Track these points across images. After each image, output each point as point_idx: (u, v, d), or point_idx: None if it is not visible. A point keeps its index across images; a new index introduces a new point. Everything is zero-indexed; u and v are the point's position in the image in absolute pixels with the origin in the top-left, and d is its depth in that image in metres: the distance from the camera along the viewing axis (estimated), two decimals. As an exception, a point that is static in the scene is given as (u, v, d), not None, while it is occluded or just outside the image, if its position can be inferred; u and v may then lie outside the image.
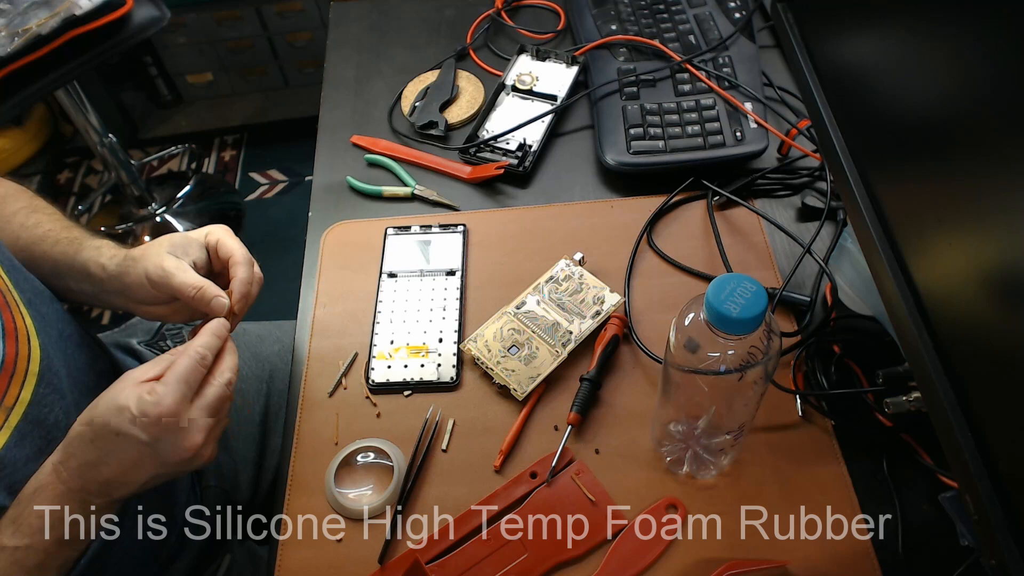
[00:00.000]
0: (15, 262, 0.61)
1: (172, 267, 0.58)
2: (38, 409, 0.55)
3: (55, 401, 0.57)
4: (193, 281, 0.58)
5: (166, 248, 0.60)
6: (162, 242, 0.61)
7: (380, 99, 0.93)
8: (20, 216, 0.67)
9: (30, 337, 0.56)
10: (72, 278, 0.64)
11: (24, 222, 0.66)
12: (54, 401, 0.57)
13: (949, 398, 0.44)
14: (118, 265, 0.62)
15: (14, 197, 0.69)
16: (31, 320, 0.57)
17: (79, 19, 1.22)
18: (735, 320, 0.45)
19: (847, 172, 0.56)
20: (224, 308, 0.58)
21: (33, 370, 0.56)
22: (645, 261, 0.75)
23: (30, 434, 0.54)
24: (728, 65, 0.85)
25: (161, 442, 0.51)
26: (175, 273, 0.58)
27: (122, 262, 0.62)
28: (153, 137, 2.12)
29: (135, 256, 0.61)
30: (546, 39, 0.98)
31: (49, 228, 0.66)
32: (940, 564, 0.57)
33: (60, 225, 0.67)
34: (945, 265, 0.46)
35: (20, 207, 0.68)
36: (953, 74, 0.43)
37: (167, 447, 0.51)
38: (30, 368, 0.55)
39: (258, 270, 0.63)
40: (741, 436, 0.58)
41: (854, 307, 0.69)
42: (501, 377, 0.66)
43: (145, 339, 0.82)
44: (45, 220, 0.67)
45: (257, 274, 0.62)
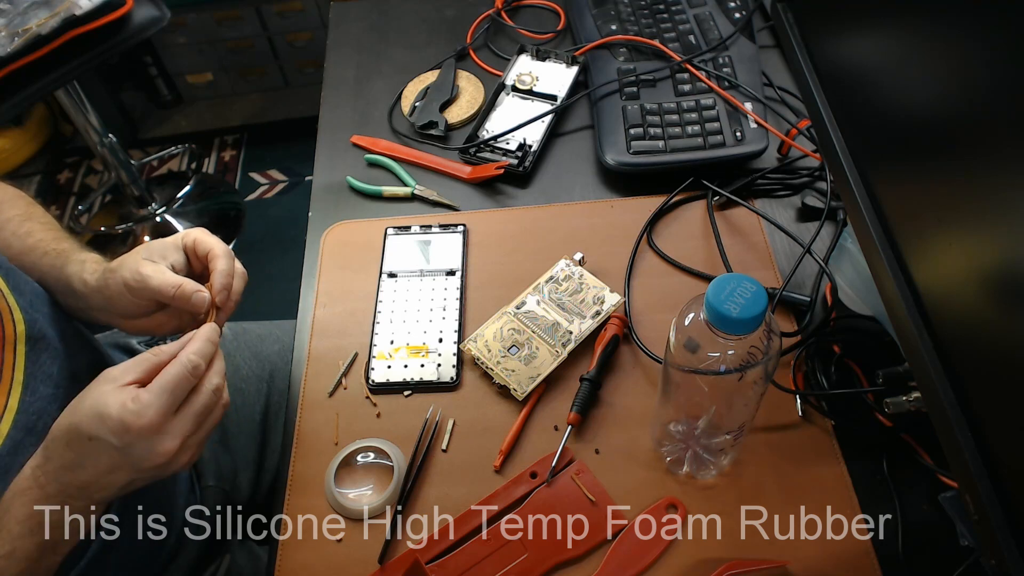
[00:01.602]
0: (13, 266, 0.61)
1: (149, 271, 0.57)
2: (27, 417, 0.55)
3: (46, 405, 0.57)
4: (171, 280, 0.57)
5: (142, 255, 0.59)
6: (139, 250, 0.60)
7: (380, 99, 0.93)
8: (13, 224, 0.66)
9: (16, 344, 0.56)
10: (58, 292, 0.63)
11: (16, 230, 0.66)
12: (45, 407, 0.57)
13: (949, 398, 0.44)
14: (98, 279, 0.60)
15: (10, 203, 0.68)
16: (24, 327, 0.57)
17: (79, 19, 1.22)
18: (735, 320, 0.45)
19: (847, 172, 0.56)
20: (205, 302, 0.57)
21: (19, 378, 0.55)
22: (645, 261, 0.75)
23: (23, 441, 0.54)
24: (728, 65, 0.85)
25: (134, 448, 0.49)
26: (152, 276, 0.57)
27: (101, 275, 0.60)
28: (153, 137, 2.12)
29: (112, 268, 0.60)
30: (546, 39, 0.98)
31: (40, 238, 0.65)
32: (940, 564, 0.57)
33: (51, 236, 0.66)
34: (945, 265, 0.46)
35: (14, 214, 0.67)
36: (953, 74, 0.43)
37: (140, 453, 0.49)
38: (15, 377, 0.55)
39: (240, 265, 0.61)
40: (741, 436, 0.58)
41: (854, 307, 0.69)
42: (501, 377, 0.66)
43: (146, 339, 0.82)
44: (37, 229, 0.66)
45: (239, 268, 0.61)
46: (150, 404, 0.49)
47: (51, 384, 0.58)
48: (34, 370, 0.57)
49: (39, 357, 0.58)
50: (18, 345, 0.56)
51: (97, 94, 1.92)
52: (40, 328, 0.58)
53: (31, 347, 0.57)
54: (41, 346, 0.58)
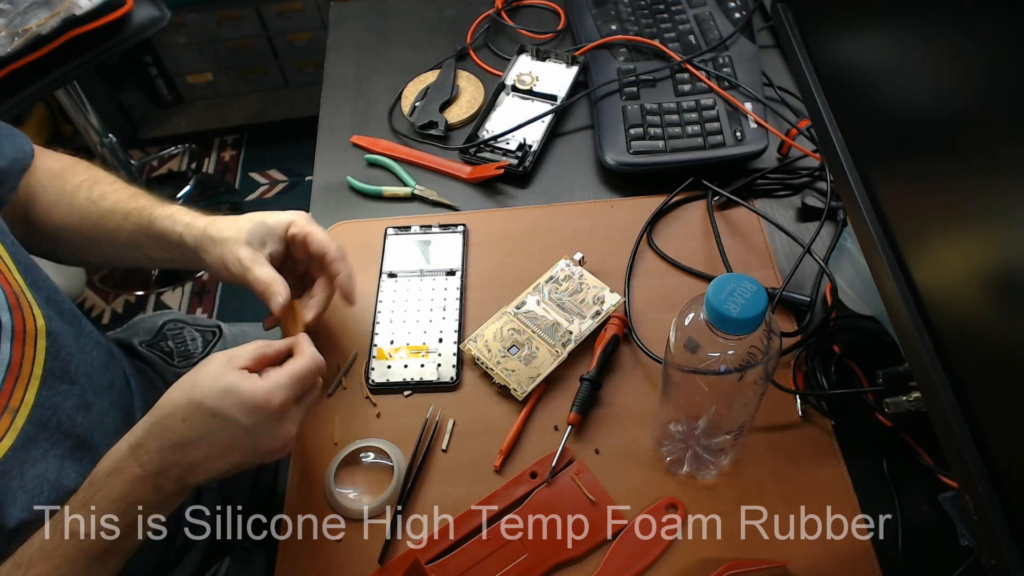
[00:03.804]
0: (33, 261, 0.61)
1: (248, 260, 0.61)
2: (42, 412, 0.55)
3: (62, 402, 0.57)
4: (264, 277, 0.60)
5: (245, 236, 0.62)
6: (242, 227, 0.63)
7: (380, 99, 0.93)
8: (83, 190, 0.67)
9: (37, 339, 0.56)
10: (150, 247, 0.66)
11: (89, 195, 0.67)
12: (60, 402, 0.57)
13: (949, 398, 0.44)
14: (196, 240, 0.63)
15: (71, 170, 0.69)
16: (44, 322, 0.57)
17: (79, 19, 1.22)
18: (735, 320, 0.45)
19: (847, 172, 0.56)
20: (280, 308, 0.60)
21: (37, 373, 0.56)
22: (645, 261, 0.75)
23: (35, 436, 0.54)
24: (728, 65, 0.85)
25: (261, 428, 0.50)
26: (251, 267, 0.60)
27: (200, 238, 0.63)
28: (153, 137, 2.12)
29: (214, 238, 0.63)
30: (546, 39, 0.98)
31: (116, 200, 0.67)
32: (940, 564, 0.57)
33: (126, 195, 0.68)
34: (945, 265, 0.46)
35: (81, 180, 0.68)
36: (953, 74, 0.43)
37: (264, 433, 0.50)
38: (34, 371, 0.55)
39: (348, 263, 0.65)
40: (741, 436, 0.58)
41: (854, 307, 0.69)
42: (501, 377, 0.66)
43: (146, 339, 0.82)
44: (109, 191, 0.68)
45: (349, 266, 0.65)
46: (283, 386, 0.51)
47: (68, 380, 0.58)
48: (53, 366, 0.57)
49: (58, 353, 0.58)
50: (39, 340, 0.56)
51: (97, 94, 1.92)
52: (56, 325, 0.59)
53: (51, 342, 0.57)
54: (60, 342, 0.58)
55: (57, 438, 0.56)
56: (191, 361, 0.80)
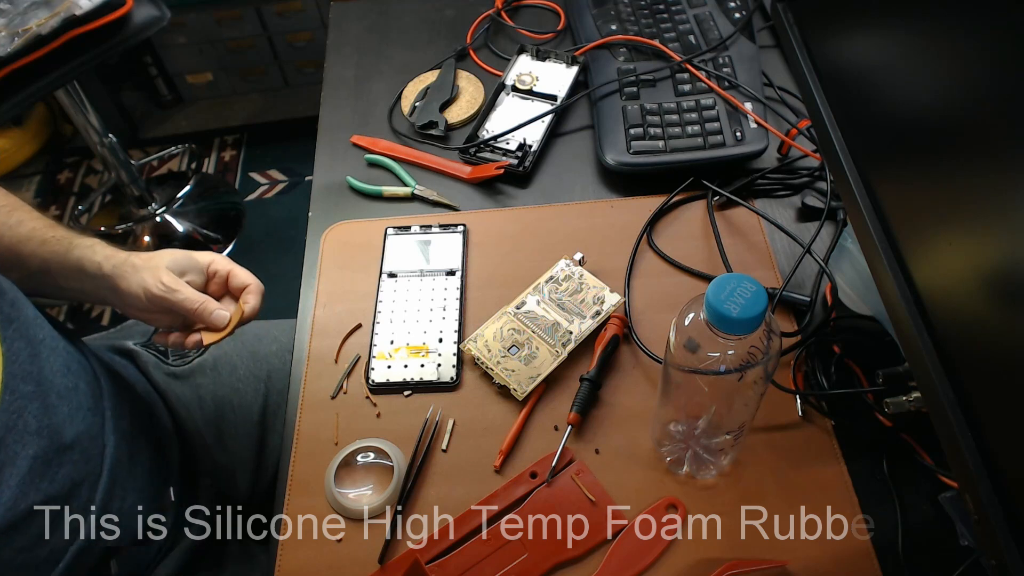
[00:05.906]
0: None
1: (173, 283, 0.63)
2: (7, 416, 0.54)
3: (22, 407, 0.56)
4: (194, 297, 0.63)
5: (166, 263, 0.63)
6: (163, 256, 0.64)
7: (380, 99, 0.93)
8: (1, 215, 0.67)
9: None
10: (63, 276, 0.65)
11: (6, 220, 0.67)
12: (21, 407, 0.56)
13: (949, 398, 0.44)
14: (115, 267, 0.63)
15: None
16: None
17: (79, 19, 1.22)
18: (735, 320, 0.45)
19: (847, 172, 0.56)
20: (224, 321, 0.64)
21: None
22: (645, 261, 0.75)
23: (3, 439, 0.54)
24: (728, 65, 0.85)
25: None
26: (178, 290, 0.63)
27: (120, 266, 0.63)
28: (153, 137, 2.12)
29: (136, 265, 0.63)
30: (546, 39, 0.98)
31: (33, 227, 0.67)
32: (940, 564, 0.57)
33: (43, 224, 0.67)
34: (945, 265, 0.46)
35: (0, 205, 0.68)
36: (953, 74, 0.43)
37: None
38: None
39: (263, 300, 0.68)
40: (741, 436, 0.58)
41: (854, 307, 0.69)
42: (501, 377, 0.66)
43: (141, 340, 0.82)
44: (27, 218, 0.67)
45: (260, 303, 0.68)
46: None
47: (31, 382, 0.58)
48: (14, 369, 0.56)
49: (18, 356, 0.57)
50: None
51: (97, 94, 1.92)
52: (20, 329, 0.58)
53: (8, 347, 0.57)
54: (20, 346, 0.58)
55: (21, 440, 0.55)
56: (186, 359, 0.80)
